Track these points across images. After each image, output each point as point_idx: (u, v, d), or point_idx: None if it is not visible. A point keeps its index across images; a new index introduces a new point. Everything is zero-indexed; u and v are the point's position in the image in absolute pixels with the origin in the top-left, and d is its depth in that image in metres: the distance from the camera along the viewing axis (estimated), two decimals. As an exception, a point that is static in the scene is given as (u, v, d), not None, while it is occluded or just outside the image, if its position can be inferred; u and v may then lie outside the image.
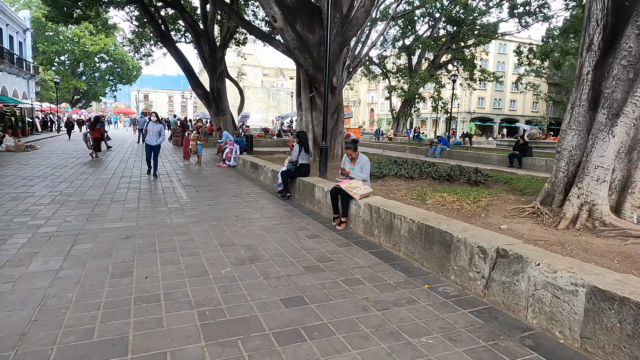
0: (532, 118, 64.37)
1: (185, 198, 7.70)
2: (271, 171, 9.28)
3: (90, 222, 5.68)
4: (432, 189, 7.32)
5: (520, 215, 5.22)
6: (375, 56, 36.64)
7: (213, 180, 10.05)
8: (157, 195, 7.89)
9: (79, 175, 10.10)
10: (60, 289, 3.44)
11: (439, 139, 18.79)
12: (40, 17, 42.68)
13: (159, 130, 10.02)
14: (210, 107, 22.64)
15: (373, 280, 3.82)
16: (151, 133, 9.99)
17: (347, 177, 5.83)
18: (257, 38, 12.52)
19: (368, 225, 5.26)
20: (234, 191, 8.62)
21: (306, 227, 5.79)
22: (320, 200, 6.66)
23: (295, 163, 7.61)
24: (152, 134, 9.97)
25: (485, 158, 16.60)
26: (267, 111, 75.79)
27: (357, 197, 5.48)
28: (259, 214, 6.51)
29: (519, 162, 14.92)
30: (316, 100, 11.42)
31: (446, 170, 8.41)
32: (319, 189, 6.71)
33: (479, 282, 3.51)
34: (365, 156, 5.81)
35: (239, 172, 11.95)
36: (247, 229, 5.59)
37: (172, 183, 9.46)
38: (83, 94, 62.09)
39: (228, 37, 22.10)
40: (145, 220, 5.91)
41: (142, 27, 24.91)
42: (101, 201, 7.14)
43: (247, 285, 3.62)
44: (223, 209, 6.78)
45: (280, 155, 14.81)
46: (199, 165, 13.46)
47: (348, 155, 5.81)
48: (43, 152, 15.88)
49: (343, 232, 5.56)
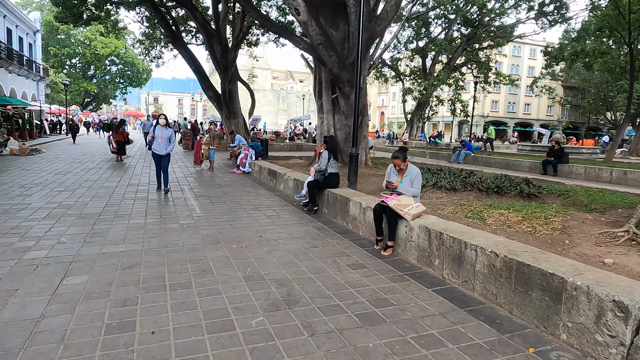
0: (547, 122, 62.87)
1: (199, 211, 6.78)
2: (293, 180, 8.34)
3: (88, 245, 4.77)
4: (482, 203, 6.32)
5: (615, 243, 4.20)
6: (388, 58, 35.68)
7: (228, 190, 9.13)
8: (167, 208, 6.99)
9: (82, 183, 9.26)
10: (35, 355, 2.51)
11: (463, 144, 17.73)
12: (52, 20, 42.72)
13: (168, 137, 8.31)
14: (222, 109, 21.84)
15: (455, 339, 2.84)
16: (160, 139, 8.27)
17: (394, 191, 4.86)
18: (276, 33, 11.72)
19: (424, 253, 4.28)
20: (253, 202, 7.69)
21: (344, 251, 4.82)
22: (356, 218, 5.70)
23: (323, 172, 6.66)
24: (162, 141, 8.27)
25: (515, 164, 15.50)
26: (277, 114, 75.18)
27: (409, 218, 4.51)
28: (285, 233, 5.57)
29: (554, 169, 13.80)
30: (339, 101, 10.48)
31: (493, 180, 7.39)
32: (355, 204, 5.75)
33: (615, 351, 2.51)
34: (416, 168, 4.84)
35: (254, 179, 11.04)
36: (275, 254, 4.65)
37: (183, 193, 8.56)
38: (94, 96, 62.21)
39: (241, 37, 21.30)
40: (153, 241, 4.99)
41: (153, 28, 24.31)
42: (103, 215, 6.25)
43: (289, 348, 2.67)
44: (242, 226, 5.85)
45: (296, 160, 13.90)
46: (211, 171, 12.59)
47: (395, 166, 4.84)
48: (48, 156, 15.15)
49: (391, 259, 4.58)
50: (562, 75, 54.10)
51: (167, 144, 8.33)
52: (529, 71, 61.93)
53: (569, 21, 28.03)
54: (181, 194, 8.44)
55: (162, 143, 8.28)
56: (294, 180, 8.25)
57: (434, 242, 4.12)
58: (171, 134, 8.40)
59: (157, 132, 8.36)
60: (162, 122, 8.37)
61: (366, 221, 5.43)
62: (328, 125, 10.89)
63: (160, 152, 8.32)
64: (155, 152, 8.39)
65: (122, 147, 14.66)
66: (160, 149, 8.32)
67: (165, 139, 8.31)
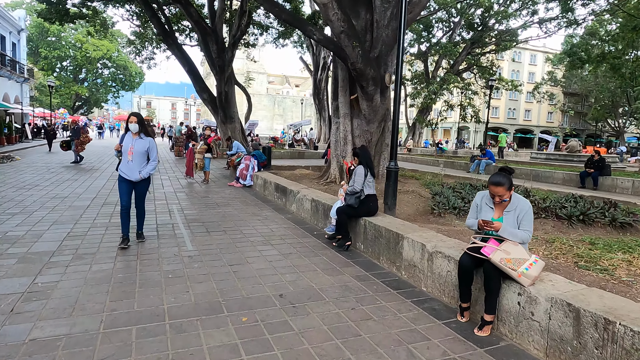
0: (548, 128, 61.98)
1: (191, 247, 5.04)
2: (310, 201, 6.63)
3: (12, 322, 3.02)
4: (574, 238, 4.68)
5: None
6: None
7: (227, 211, 7.40)
8: (148, 243, 5.23)
9: (47, 202, 7.48)
10: None
11: (483, 153, 16.16)
12: (41, 21, 40.85)
13: (145, 150, 4.96)
14: (217, 113, 20.13)
15: None
16: (130, 155, 4.90)
17: (491, 235, 3.17)
18: (285, 21, 10.20)
19: (563, 346, 2.59)
20: (260, 231, 5.97)
21: (414, 327, 3.13)
22: (416, 265, 4.00)
23: (358, 195, 4.97)
24: (132, 158, 4.90)
25: (546, 176, 13.93)
26: (273, 119, 73.58)
27: (527, 283, 2.83)
28: (315, 287, 3.86)
29: (595, 183, 12.24)
30: (360, 103, 8.82)
31: (573, 204, 5.76)
32: (413, 245, 4.06)
33: None
34: (526, 200, 3.15)
35: (258, 195, 9.32)
36: (310, 335, 2.93)
37: (171, 216, 6.81)
38: (85, 100, 60.35)
39: (238, 35, 19.66)
40: (119, 310, 3.25)
41: (144, 26, 22.63)
42: (57, 256, 4.49)
43: None
44: (252, 275, 4.13)
45: (303, 171, 12.20)
46: (206, 183, 10.84)
47: (495, 197, 3.14)
48: (20, 165, 13.30)
49: (496, 349, 2.88)
50: (563, 81, 53.24)
51: (141, 161, 4.96)
52: (529, 77, 61.07)
53: (574, 26, 27.05)
54: (169, 217, 6.69)
55: (134, 161, 4.90)
56: (312, 201, 6.54)
57: (588, 333, 2.44)
58: (150, 147, 4.99)
59: (126, 144, 4.93)
60: (133, 128, 4.93)
61: (434, 272, 3.74)
62: (345, 131, 9.23)
63: (130, 176, 4.91)
64: (124, 176, 4.94)
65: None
66: (130, 170, 4.90)
67: (139, 155, 4.91)
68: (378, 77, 8.28)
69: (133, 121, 4.97)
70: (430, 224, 5.64)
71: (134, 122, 4.96)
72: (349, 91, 9.09)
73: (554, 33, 29.60)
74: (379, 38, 8.37)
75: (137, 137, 4.99)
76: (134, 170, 4.93)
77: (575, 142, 24.95)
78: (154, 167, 5.10)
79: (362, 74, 7.94)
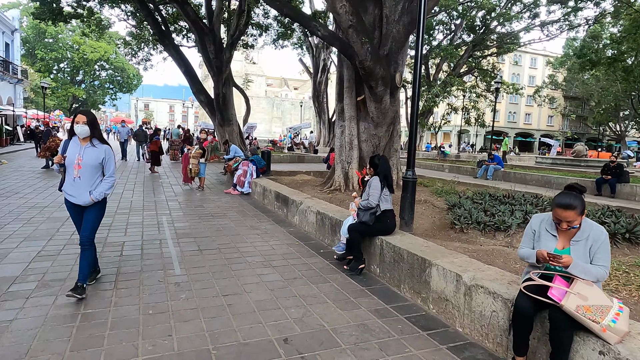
0: (548, 132, 61.59)
1: (179, 271, 4.34)
2: (315, 214, 5.93)
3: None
4: (620, 259, 4.02)
5: None
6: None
7: (223, 223, 6.69)
8: (129, 265, 4.53)
9: (24, 212, 6.76)
10: None
11: (491, 158, 15.49)
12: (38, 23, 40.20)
13: (98, 163, 3.58)
14: (215, 116, 19.44)
15: None
16: (76, 170, 3.51)
17: (556, 271, 2.48)
18: (288, 18, 9.61)
19: None
20: (260, 248, 5.27)
21: (459, 390, 2.44)
22: (448, 299, 3.31)
23: (374, 210, 4.28)
24: (80, 174, 3.52)
25: (558, 183, 13.24)
26: (271, 122, 73.02)
27: (614, 340, 2.15)
28: (325, 324, 3.16)
29: (612, 190, 11.59)
30: (367, 105, 8.14)
31: (619, 221, 5.09)
32: (444, 275, 3.37)
33: None
34: (600, 227, 2.47)
35: (256, 204, 8.62)
36: (326, 407, 2.24)
37: (159, 230, 6.10)
38: (82, 102, 59.69)
39: (237, 35, 19.01)
40: (80, 365, 2.55)
41: (140, 26, 22.00)
42: (18, 285, 3.78)
43: None
44: (250, 311, 3.42)
45: (304, 177, 11.50)
46: (201, 190, 10.14)
47: (562, 223, 2.45)
48: (5, 169, 12.58)
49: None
50: (564, 84, 52.86)
51: (93, 178, 3.57)
52: (529, 80, 60.72)
53: (577, 28, 26.68)
54: (157, 231, 5.98)
55: (83, 178, 3.52)
56: (318, 214, 5.84)
57: None
58: (105, 158, 3.61)
59: (72, 155, 3.53)
60: (80, 132, 3.50)
61: (473, 311, 3.05)
62: (350, 135, 8.55)
63: (77, 198, 3.55)
64: (70, 199, 3.60)
65: (157, 158, 13.70)
66: (77, 191, 3.54)
67: (89, 169, 3.54)
68: (388, 77, 7.61)
69: (81, 121, 3.47)
70: (452, 242, 4.96)
71: (82, 122, 3.47)
72: (355, 92, 8.42)
73: (556, 36, 29.13)
74: (388, 35, 7.71)
75: (88, 145, 3.55)
76: (83, 191, 3.51)
77: (582, 147, 24.38)
78: (110, 185, 3.66)
79: (371, 72, 7.27)
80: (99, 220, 3.73)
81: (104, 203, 3.77)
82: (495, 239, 5.13)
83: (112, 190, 3.71)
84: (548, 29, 28.29)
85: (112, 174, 3.68)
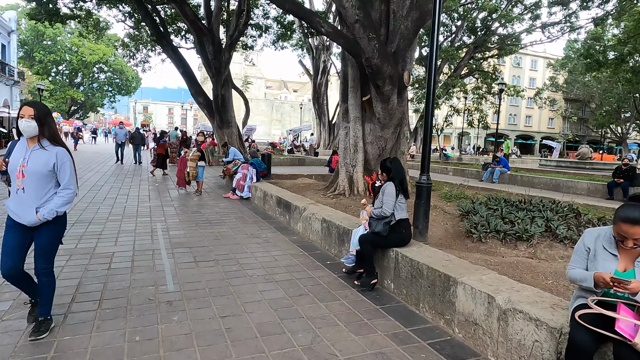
0: (549, 134, 61.30)
1: (172, 287, 3.92)
2: (320, 221, 5.52)
3: None
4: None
5: None
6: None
7: (221, 231, 6.27)
8: (117, 280, 4.10)
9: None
10: None
11: (497, 160, 15.10)
12: (35, 25, 39.85)
13: (49, 170, 2.71)
14: (213, 118, 19.06)
15: None
16: (19, 180, 2.67)
17: (618, 298, 2.07)
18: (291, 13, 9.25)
19: None
20: (261, 260, 4.85)
21: None
22: (477, 323, 2.89)
23: (388, 220, 3.87)
24: (24, 184, 2.68)
25: (568, 186, 12.86)
26: (270, 124, 72.66)
27: None
28: (338, 354, 2.75)
29: (625, 194, 11.20)
30: (374, 106, 7.74)
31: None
32: (472, 295, 2.95)
33: None
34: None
35: (256, 209, 8.20)
36: None
37: (152, 238, 5.68)
38: (80, 104, 59.32)
39: (236, 35, 18.65)
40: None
41: (138, 27, 21.64)
42: (-10, 304, 3.37)
43: None
44: (251, 337, 3.00)
45: (305, 180, 11.08)
46: (198, 194, 9.73)
47: (628, 240, 2.05)
48: (-4, 173, 12.13)
49: None
50: (564, 86, 52.58)
51: (42, 190, 2.74)
52: (530, 82, 60.49)
53: (578, 30, 26.49)
54: (150, 240, 5.56)
55: (28, 190, 2.70)
56: (323, 221, 5.43)
57: None
58: (58, 163, 2.73)
59: (15, 160, 2.71)
60: (26, 129, 2.64)
61: (510, 339, 2.63)
62: (355, 137, 8.14)
63: (20, 216, 2.73)
64: (15, 217, 2.76)
65: (164, 161, 13.59)
66: (20, 207, 2.72)
67: (37, 179, 2.72)
68: (396, 75, 7.22)
69: (26, 115, 2.63)
70: (470, 252, 4.55)
71: (28, 117, 2.62)
72: (360, 92, 8.02)
73: (557, 38, 29.02)
74: (396, 31, 7.33)
75: (35, 147, 2.71)
76: (27, 206, 2.69)
77: (587, 149, 23.99)
78: (66, 199, 2.77)
79: (378, 71, 6.87)
80: (55, 245, 2.87)
81: (62, 223, 2.88)
82: (517, 249, 4.71)
83: (69, 207, 2.88)
84: (549, 30, 28.17)
85: (68, 185, 2.77)
